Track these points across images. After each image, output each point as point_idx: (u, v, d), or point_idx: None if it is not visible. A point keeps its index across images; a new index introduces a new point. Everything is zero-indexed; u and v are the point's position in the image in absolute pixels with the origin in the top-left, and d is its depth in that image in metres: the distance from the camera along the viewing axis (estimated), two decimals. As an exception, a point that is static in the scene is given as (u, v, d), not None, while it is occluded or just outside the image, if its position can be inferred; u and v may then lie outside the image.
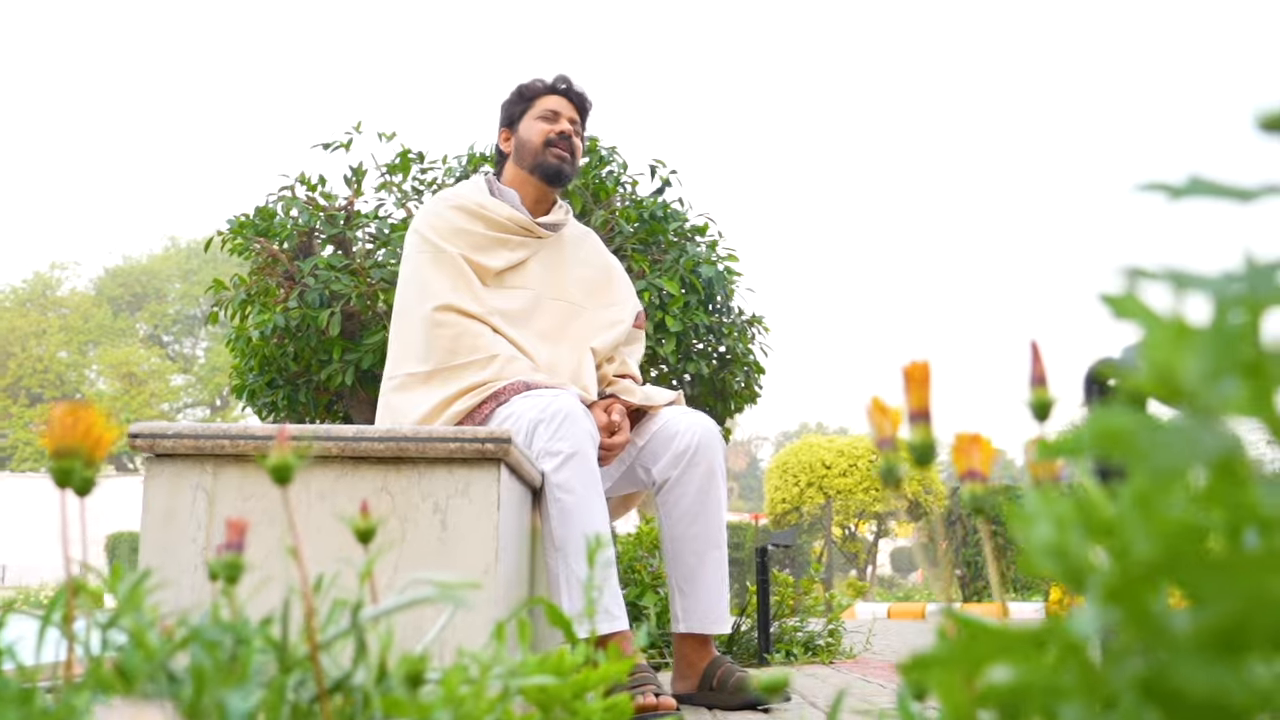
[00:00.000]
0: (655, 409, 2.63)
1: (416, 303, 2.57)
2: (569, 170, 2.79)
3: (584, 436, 2.28)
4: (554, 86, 2.83)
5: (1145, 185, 0.41)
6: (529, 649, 0.87)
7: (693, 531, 2.53)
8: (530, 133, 2.78)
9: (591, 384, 2.60)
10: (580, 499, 2.25)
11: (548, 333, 2.68)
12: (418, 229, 2.68)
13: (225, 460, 1.82)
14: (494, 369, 2.46)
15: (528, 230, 2.73)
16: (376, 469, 1.82)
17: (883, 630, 8.51)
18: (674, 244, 4.65)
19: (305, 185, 4.59)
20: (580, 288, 2.78)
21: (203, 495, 1.81)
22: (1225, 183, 0.39)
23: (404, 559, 1.79)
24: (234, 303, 4.57)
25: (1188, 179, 0.40)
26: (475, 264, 2.63)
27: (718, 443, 2.56)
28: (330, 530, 1.80)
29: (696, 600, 2.54)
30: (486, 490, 1.80)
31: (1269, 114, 0.37)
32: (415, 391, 2.50)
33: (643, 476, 2.62)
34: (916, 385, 0.66)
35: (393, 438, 1.80)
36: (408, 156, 4.76)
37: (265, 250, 4.42)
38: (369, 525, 0.88)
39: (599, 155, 4.87)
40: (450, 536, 1.79)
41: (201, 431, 1.81)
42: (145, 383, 40.21)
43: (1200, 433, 0.36)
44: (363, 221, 4.62)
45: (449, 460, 1.81)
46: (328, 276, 4.27)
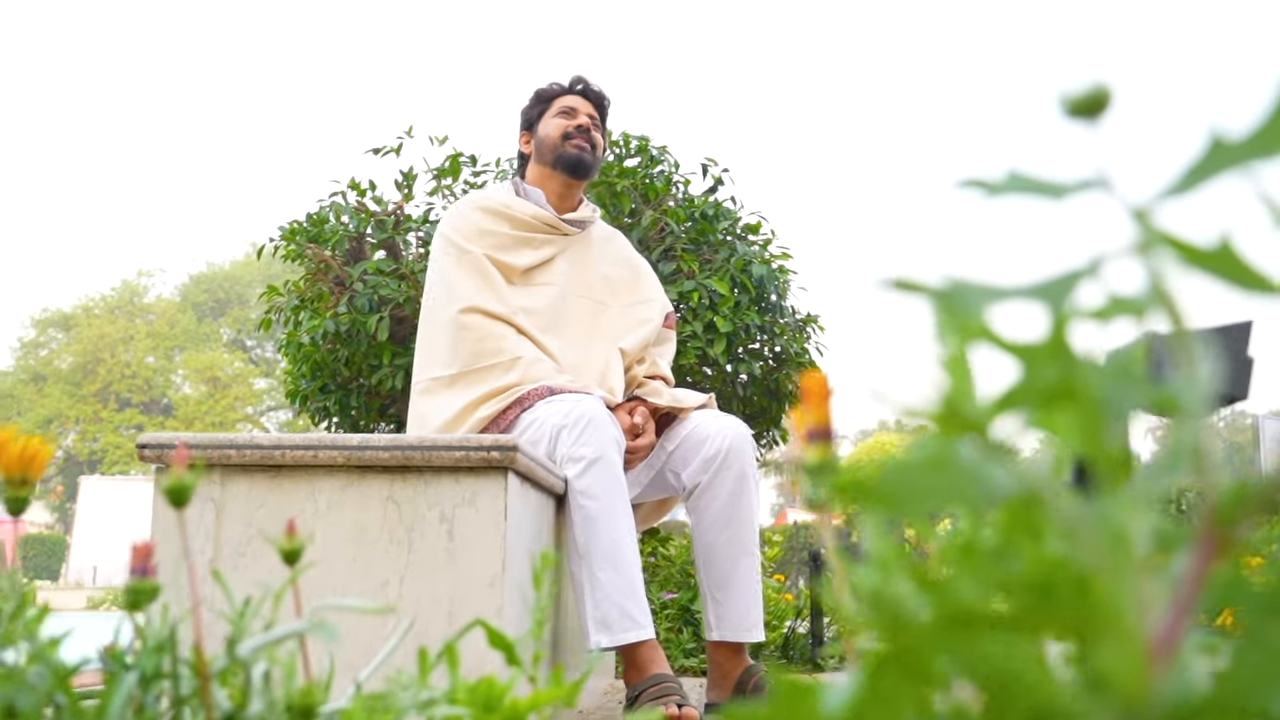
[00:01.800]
0: (685, 412, 2.57)
1: (441, 305, 2.56)
2: (589, 160, 2.75)
3: (608, 441, 2.24)
4: (570, 87, 2.82)
5: (963, 182, 0.36)
6: (458, 676, 0.83)
7: (724, 538, 2.48)
8: (548, 129, 2.76)
9: (619, 385, 2.56)
10: (604, 505, 2.20)
11: (574, 332, 2.64)
12: (443, 231, 2.66)
13: (232, 470, 1.81)
14: (518, 372, 2.43)
15: (553, 227, 2.70)
16: (383, 478, 1.79)
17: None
18: (724, 243, 4.59)
19: (355, 190, 4.61)
20: (607, 286, 2.74)
21: (210, 506, 1.80)
22: (1042, 179, 0.34)
23: (411, 569, 1.76)
24: (287, 309, 4.61)
25: (1006, 175, 0.35)
26: (501, 263, 2.60)
27: (749, 446, 2.50)
28: (338, 540, 1.78)
29: (730, 608, 2.49)
30: (494, 499, 1.77)
31: (1076, 97, 0.31)
32: (440, 396, 2.49)
33: (673, 482, 2.57)
34: (815, 401, 0.60)
35: (398, 446, 1.77)
36: (458, 160, 4.76)
37: (317, 256, 4.44)
38: (295, 546, 0.84)
39: (649, 155, 4.83)
40: (457, 546, 1.76)
41: (208, 442, 1.80)
42: (229, 387, 41.02)
43: (984, 474, 0.30)
44: (413, 225, 4.62)
45: (455, 469, 1.78)
46: (377, 281, 4.28)
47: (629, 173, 4.68)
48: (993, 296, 0.32)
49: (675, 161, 4.87)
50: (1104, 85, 0.31)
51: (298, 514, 1.79)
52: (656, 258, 4.47)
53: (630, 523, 2.25)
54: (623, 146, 4.79)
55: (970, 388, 0.32)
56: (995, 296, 0.32)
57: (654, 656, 2.21)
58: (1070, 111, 0.32)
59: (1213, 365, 0.34)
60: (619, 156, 4.73)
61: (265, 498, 1.80)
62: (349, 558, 1.77)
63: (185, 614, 0.99)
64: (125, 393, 40.60)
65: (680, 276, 4.41)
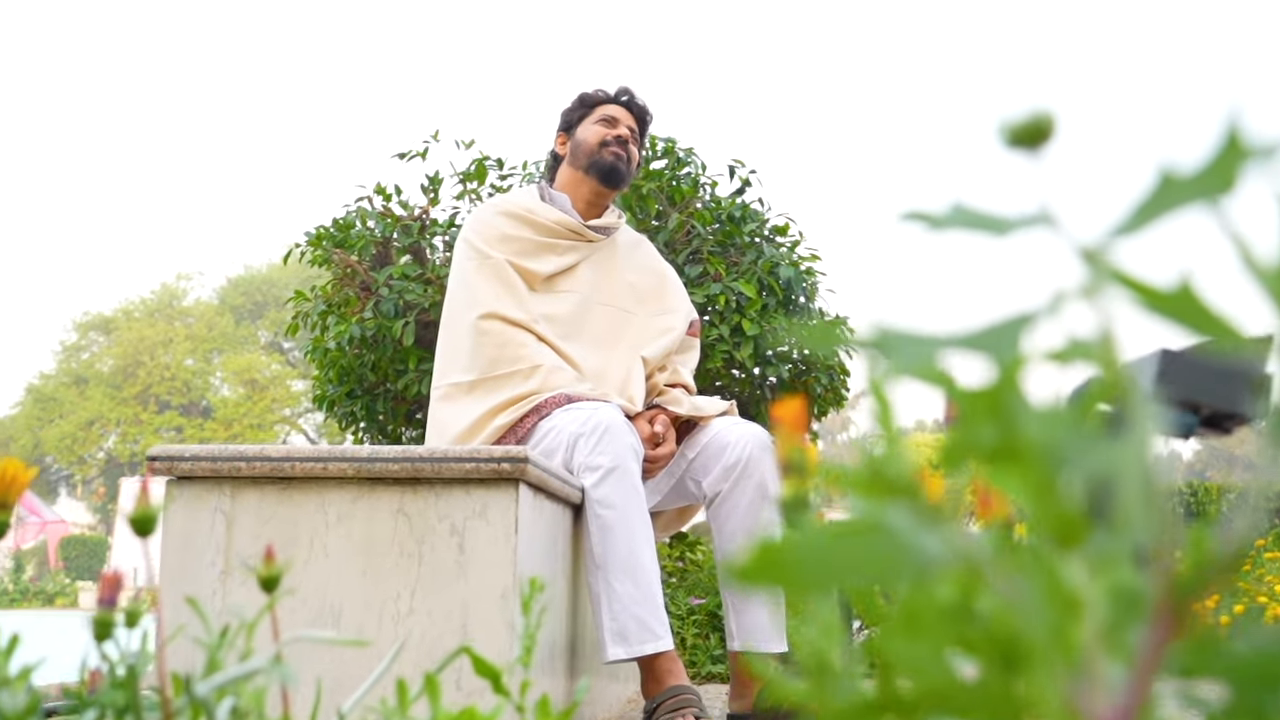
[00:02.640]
0: (705, 420, 2.54)
1: (461, 311, 2.54)
2: (624, 170, 2.72)
3: (625, 450, 2.22)
4: (615, 96, 2.79)
5: (906, 214, 0.33)
6: (439, 709, 0.81)
7: (745, 546, 2.44)
8: (587, 134, 2.73)
9: (639, 394, 2.53)
10: (621, 514, 2.18)
11: (597, 339, 2.62)
12: (465, 236, 2.64)
13: (243, 483, 1.80)
14: (537, 380, 2.41)
15: (577, 234, 2.67)
16: (393, 490, 1.77)
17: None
18: (751, 245, 4.55)
19: (381, 195, 4.61)
20: (631, 293, 2.71)
21: (221, 518, 1.79)
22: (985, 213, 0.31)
23: (421, 583, 1.74)
24: (314, 314, 4.61)
25: (949, 208, 0.32)
26: (523, 269, 2.58)
27: (769, 455, 2.47)
28: (349, 553, 1.76)
29: (752, 618, 2.45)
30: (504, 511, 1.75)
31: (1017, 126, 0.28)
32: (459, 402, 2.47)
33: (693, 490, 2.54)
34: (787, 430, 0.57)
35: (408, 458, 1.75)
36: (484, 164, 4.75)
37: (343, 261, 4.44)
38: (273, 573, 0.82)
39: (676, 157, 4.79)
40: (468, 560, 1.74)
41: (219, 454, 1.79)
42: (267, 389, 41.31)
43: (916, 543, 0.27)
44: (439, 230, 4.62)
45: (466, 481, 1.76)
46: (402, 286, 4.27)
47: (655, 175, 4.65)
48: (929, 346, 0.29)
49: (702, 163, 4.83)
50: (1045, 114, 0.28)
51: (308, 527, 1.77)
52: (683, 260, 4.44)
53: (648, 532, 2.22)
54: (649, 148, 4.76)
55: (900, 446, 0.29)
56: (931, 346, 0.29)
57: (672, 668, 2.18)
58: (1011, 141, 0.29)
59: (1206, 385, 0.31)
60: (645, 159, 4.71)
61: (276, 510, 1.78)
62: (359, 570, 1.75)
63: (174, 633, 0.97)
64: (165, 395, 40.98)
65: (707, 279, 4.37)
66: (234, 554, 1.77)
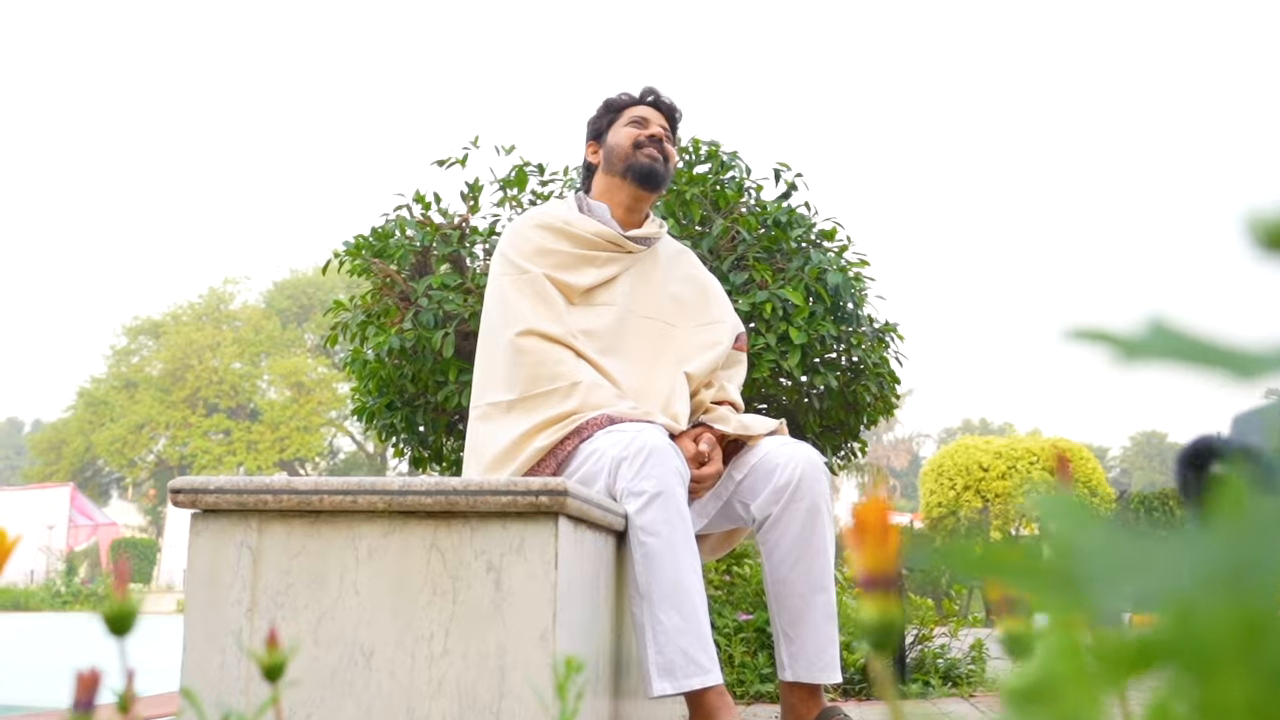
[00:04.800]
0: (753, 439, 2.44)
1: (499, 328, 2.45)
2: (661, 171, 2.63)
3: (670, 474, 2.12)
4: (641, 98, 2.69)
5: (1078, 333, 0.23)
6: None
7: (796, 573, 2.34)
8: (619, 138, 2.64)
9: (683, 411, 2.43)
10: (666, 542, 2.08)
11: (637, 354, 2.52)
12: (502, 250, 2.56)
13: (270, 516, 1.71)
14: (577, 399, 2.31)
15: (616, 245, 2.58)
16: (426, 524, 1.68)
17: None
18: (798, 251, 4.43)
19: (420, 204, 4.53)
20: (673, 305, 2.61)
21: (247, 553, 1.71)
22: (1207, 342, 0.21)
23: (456, 622, 1.65)
24: (353, 324, 4.55)
25: (1147, 328, 0.21)
26: (561, 283, 2.49)
27: (822, 476, 2.36)
28: (380, 590, 1.67)
29: (803, 646, 2.34)
30: (543, 546, 1.65)
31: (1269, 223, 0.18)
32: (497, 421, 2.38)
33: (741, 513, 2.43)
34: (872, 537, 0.47)
35: (441, 490, 1.66)
36: (524, 170, 4.66)
37: (382, 271, 4.37)
38: (276, 661, 0.73)
39: (720, 161, 4.68)
40: (505, 598, 1.64)
41: (244, 486, 1.71)
42: (312, 392, 41.60)
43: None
44: (478, 238, 4.54)
45: (502, 514, 1.67)
46: (442, 297, 4.19)
47: (699, 180, 4.54)
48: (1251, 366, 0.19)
49: (746, 167, 4.71)
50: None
51: (337, 562, 1.69)
52: (728, 267, 4.33)
53: (695, 560, 2.12)
54: (692, 153, 4.65)
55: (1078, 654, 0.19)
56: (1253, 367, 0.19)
57: (720, 704, 2.08)
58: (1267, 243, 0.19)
59: None
60: (688, 163, 4.60)
61: (304, 544, 1.70)
62: (391, 610, 1.66)
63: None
64: (213, 398, 41.36)
65: (753, 286, 4.26)
66: (261, 590, 1.69)
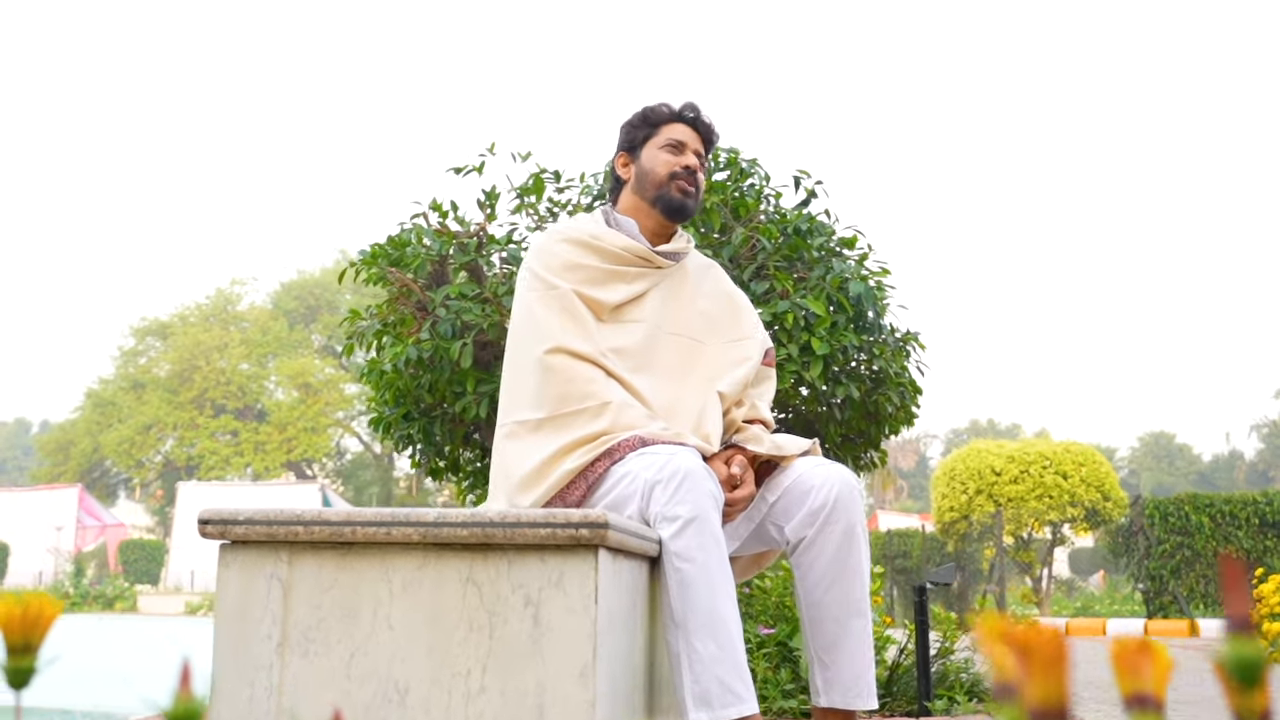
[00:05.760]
0: (787, 460, 2.39)
1: (527, 345, 2.40)
2: (692, 206, 2.58)
3: (705, 498, 2.06)
4: (681, 114, 2.62)
5: None
6: None
7: (831, 597, 2.29)
8: (654, 163, 2.57)
9: (715, 431, 2.38)
10: (701, 568, 2.03)
11: (667, 372, 2.47)
12: (529, 265, 2.50)
13: (301, 548, 1.66)
14: (607, 419, 2.26)
15: (646, 260, 2.52)
16: (462, 556, 1.63)
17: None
18: (818, 260, 4.38)
19: (437, 211, 4.48)
20: (702, 321, 2.56)
21: (278, 585, 1.66)
22: None
23: (494, 659, 1.60)
24: (369, 333, 4.50)
25: None
26: (590, 299, 2.44)
27: (857, 497, 2.31)
28: (414, 625, 1.62)
29: (838, 672, 2.29)
30: (583, 581, 1.60)
31: None
32: (525, 440, 2.33)
33: (774, 535, 2.38)
34: (1042, 665, 0.42)
35: (478, 523, 1.61)
36: (541, 178, 4.61)
37: (399, 280, 4.32)
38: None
39: (739, 168, 4.63)
40: (543, 634, 1.59)
41: (275, 517, 1.66)
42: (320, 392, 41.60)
43: None
44: (496, 246, 4.49)
45: (540, 547, 1.62)
46: (460, 307, 4.14)
47: (719, 187, 4.49)
48: None
49: (765, 174, 4.66)
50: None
51: (370, 596, 1.64)
52: (748, 276, 4.28)
53: (730, 586, 2.07)
54: (711, 160, 4.60)
55: None
56: None
57: (757, 734, 2.03)
58: None
59: None
60: (707, 171, 4.55)
61: (336, 577, 1.65)
62: (426, 645, 1.61)
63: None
64: (220, 399, 41.38)
65: (774, 296, 4.21)
66: (292, 625, 1.64)
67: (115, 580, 26.72)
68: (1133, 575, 14.94)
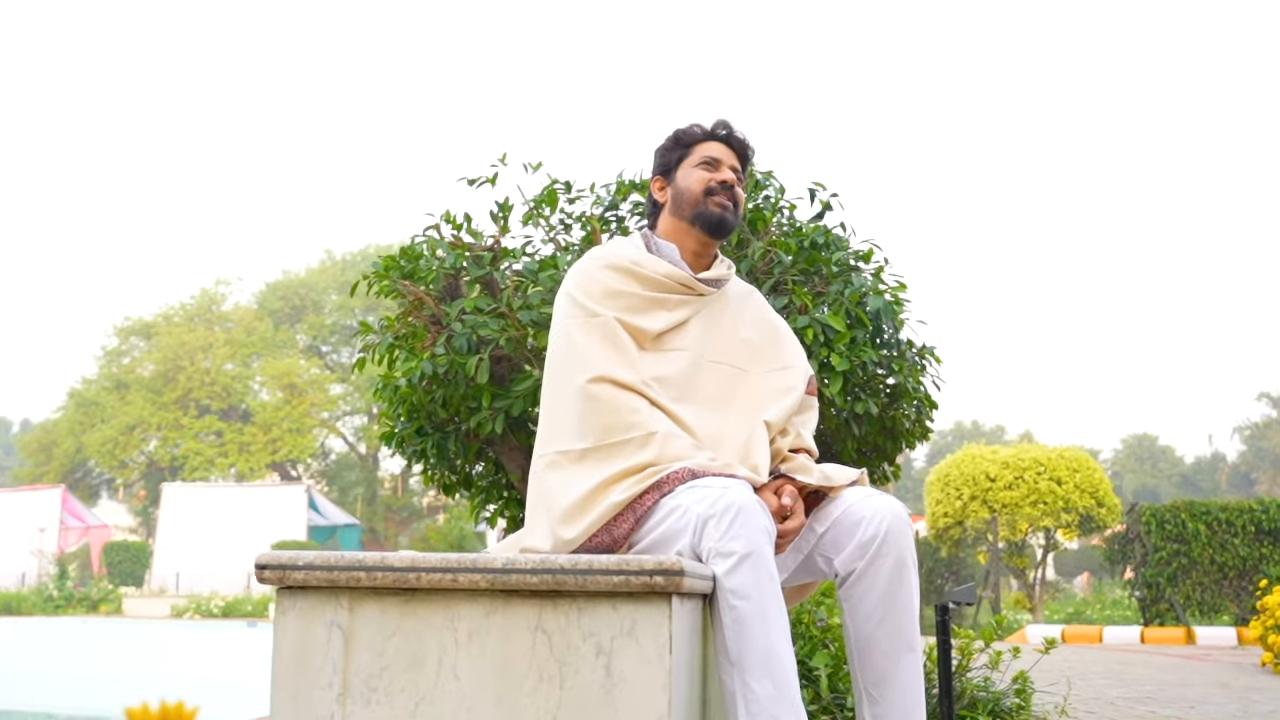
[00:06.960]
0: (836, 490, 2.34)
1: (568, 373, 2.35)
2: (732, 220, 2.54)
3: (759, 533, 2.02)
4: (713, 132, 2.58)
5: None
6: None
7: (882, 631, 2.25)
8: (689, 181, 2.53)
9: (763, 462, 2.33)
10: (756, 605, 1.98)
11: (710, 401, 2.42)
12: (568, 291, 2.45)
13: (362, 594, 1.61)
14: (653, 450, 2.21)
15: (688, 287, 2.48)
16: (530, 603, 1.58)
17: (1071, 669, 7.98)
18: (836, 275, 4.33)
19: (450, 224, 4.42)
20: (745, 350, 2.52)
21: (338, 633, 1.60)
22: None
23: (564, 710, 1.55)
24: (381, 347, 4.43)
25: None
26: (631, 327, 2.39)
27: (907, 530, 2.27)
28: (481, 675, 1.57)
29: (889, 708, 2.25)
30: (657, 630, 1.56)
31: None
32: (567, 470, 2.28)
33: (823, 567, 2.34)
34: None
35: (548, 569, 1.56)
36: (554, 190, 4.55)
37: (411, 293, 4.26)
38: None
39: (754, 180, 4.58)
40: (616, 684, 1.55)
41: (335, 562, 1.61)
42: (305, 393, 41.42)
43: None
44: (510, 259, 4.43)
45: (612, 594, 1.57)
46: (475, 321, 4.08)
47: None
48: None
49: (780, 186, 4.62)
50: None
51: (435, 644, 1.59)
52: (766, 291, 4.23)
53: (784, 621, 2.03)
54: (748, 174, 4.54)
55: None
56: None
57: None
58: None
59: None
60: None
61: (399, 624, 1.60)
62: (494, 696, 1.56)
63: None
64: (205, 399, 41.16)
65: (792, 311, 4.16)
66: (353, 673, 1.59)
67: (99, 582, 26.52)
68: (1129, 583, 14.96)
